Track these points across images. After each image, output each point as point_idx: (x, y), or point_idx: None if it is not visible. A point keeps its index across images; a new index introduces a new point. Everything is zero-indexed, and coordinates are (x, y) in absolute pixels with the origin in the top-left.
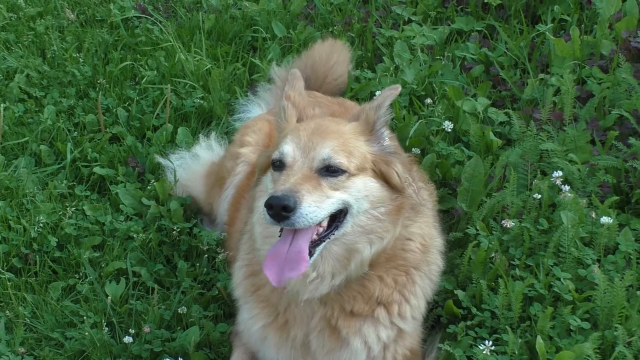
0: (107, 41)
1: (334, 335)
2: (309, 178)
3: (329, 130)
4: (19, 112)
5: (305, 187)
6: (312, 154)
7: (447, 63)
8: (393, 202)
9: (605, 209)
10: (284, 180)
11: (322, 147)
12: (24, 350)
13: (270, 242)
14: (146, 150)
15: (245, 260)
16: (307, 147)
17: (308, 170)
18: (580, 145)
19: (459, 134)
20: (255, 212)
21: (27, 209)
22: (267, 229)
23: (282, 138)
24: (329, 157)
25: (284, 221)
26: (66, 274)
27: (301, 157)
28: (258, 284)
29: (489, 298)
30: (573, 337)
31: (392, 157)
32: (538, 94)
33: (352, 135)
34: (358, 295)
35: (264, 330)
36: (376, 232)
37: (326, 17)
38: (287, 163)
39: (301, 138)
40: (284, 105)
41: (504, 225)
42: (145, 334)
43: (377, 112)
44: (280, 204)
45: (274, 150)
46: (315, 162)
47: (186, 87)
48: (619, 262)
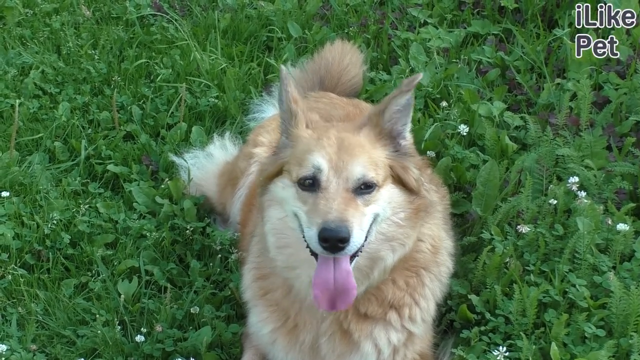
0: (123, 39)
1: (345, 338)
2: (348, 200)
3: (353, 145)
4: (34, 108)
5: (351, 213)
6: (345, 173)
7: (463, 66)
8: (411, 204)
9: (621, 216)
10: (324, 205)
11: (354, 165)
12: (36, 347)
13: (285, 253)
14: (160, 149)
15: (254, 263)
16: (339, 166)
17: (344, 191)
18: (596, 151)
19: (475, 138)
20: (266, 222)
21: (40, 205)
22: (281, 239)
23: (305, 152)
24: (363, 176)
25: (338, 252)
26: (79, 271)
27: (335, 178)
28: (267, 288)
29: (503, 303)
30: (588, 345)
31: (407, 161)
32: (554, 98)
33: (371, 145)
34: (372, 298)
35: (273, 334)
36: (398, 238)
37: (342, 18)
38: (322, 184)
39: (330, 156)
40: (294, 110)
41: (519, 231)
42: (157, 333)
43: (383, 117)
44: (337, 237)
45: (290, 162)
46: (350, 182)
47: (201, 86)
48: (635, 270)
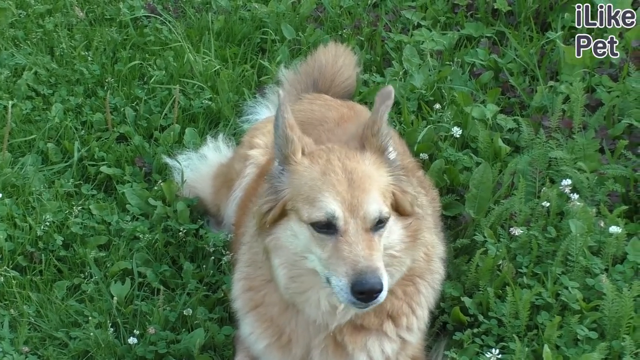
0: (116, 40)
1: (338, 351)
2: (370, 242)
3: (362, 177)
4: (27, 110)
5: (377, 257)
6: (361, 213)
7: (457, 69)
8: (408, 230)
9: (613, 218)
10: (349, 252)
11: (369, 203)
12: (28, 349)
13: (298, 281)
14: (153, 150)
15: (243, 273)
16: (353, 204)
17: (364, 232)
18: (589, 154)
19: (468, 140)
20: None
21: (33, 207)
22: (293, 270)
23: (314, 191)
24: (380, 213)
25: (372, 302)
26: (71, 273)
27: (352, 219)
28: (258, 301)
29: (496, 306)
30: (580, 347)
31: (406, 184)
32: (547, 101)
33: (378, 173)
34: (371, 311)
35: (266, 349)
36: (394, 265)
37: (335, 21)
38: (340, 228)
39: (342, 195)
40: (290, 137)
41: (511, 233)
42: (150, 335)
43: (383, 137)
44: (374, 290)
45: (296, 201)
46: (368, 222)
47: (194, 88)
48: (627, 272)
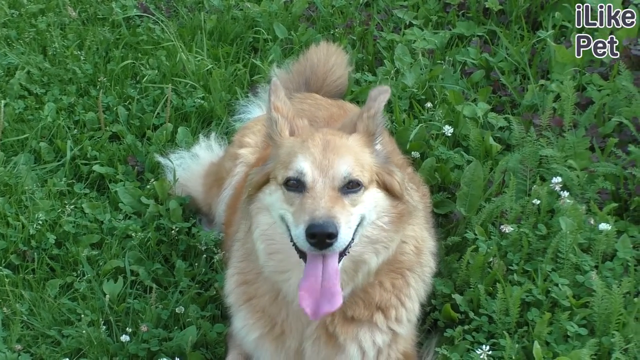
0: (109, 39)
1: (330, 342)
2: (335, 199)
3: (339, 145)
4: (19, 109)
5: (338, 210)
6: (331, 172)
7: (448, 67)
8: (395, 209)
9: (603, 216)
10: (311, 203)
11: (340, 164)
12: (21, 347)
13: (275, 259)
14: (146, 149)
15: (237, 268)
16: (324, 165)
17: (331, 189)
18: (579, 152)
19: (459, 139)
20: (255, 228)
21: (26, 205)
22: (271, 245)
23: (290, 155)
24: (349, 174)
25: (326, 248)
26: (64, 271)
27: (321, 177)
28: (252, 293)
29: (487, 303)
30: (570, 343)
31: (393, 167)
32: (538, 99)
33: (360, 149)
34: (360, 301)
35: (259, 341)
36: (382, 241)
37: (328, 20)
38: (308, 184)
39: (315, 155)
40: (274, 117)
41: (502, 230)
42: (142, 333)
43: (375, 121)
44: (325, 232)
45: (275, 167)
46: (337, 180)
47: (187, 87)
48: (617, 269)
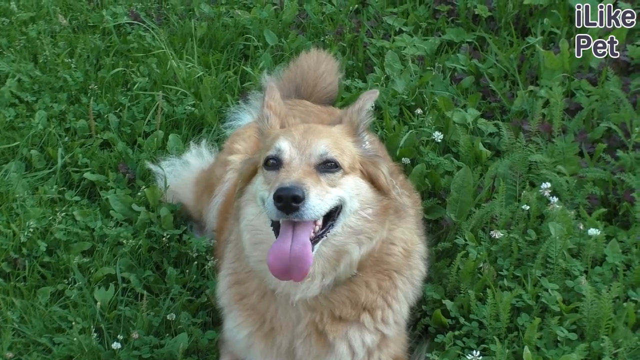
0: (99, 47)
1: (320, 340)
2: (309, 173)
3: (319, 129)
4: (10, 117)
5: (309, 180)
6: (308, 150)
7: (438, 74)
8: (380, 202)
9: (592, 221)
10: (284, 176)
11: (318, 144)
12: (12, 355)
13: (260, 249)
14: (137, 157)
15: (230, 269)
16: (302, 145)
17: (307, 166)
18: (568, 157)
19: (449, 145)
20: (242, 219)
21: (16, 213)
22: (256, 235)
23: (273, 139)
24: (326, 153)
25: (293, 213)
26: (55, 279)
27: (298, 155)
28: (243, 293)
29: (477, 308)
30: (560, 348)
31: (379, 159)
32: (527, 105)
33: (341, 136)
34: (347, 301)
35: (249, 339)
36: (365, 232)
37: (318, 27)
38: (284, 160)
39: (295, 137)
40: (266, 113)
41: (492, 236)
42: (133, 340)
43: (360, 115)
44: (290, 195)
45: (261, 154)
46: (313, 158)
47: (178, 94)
48: (606, 274)
